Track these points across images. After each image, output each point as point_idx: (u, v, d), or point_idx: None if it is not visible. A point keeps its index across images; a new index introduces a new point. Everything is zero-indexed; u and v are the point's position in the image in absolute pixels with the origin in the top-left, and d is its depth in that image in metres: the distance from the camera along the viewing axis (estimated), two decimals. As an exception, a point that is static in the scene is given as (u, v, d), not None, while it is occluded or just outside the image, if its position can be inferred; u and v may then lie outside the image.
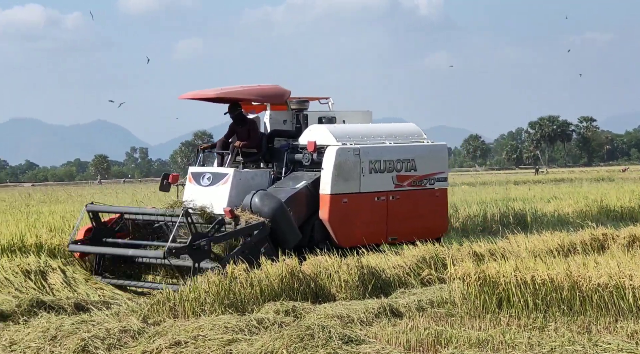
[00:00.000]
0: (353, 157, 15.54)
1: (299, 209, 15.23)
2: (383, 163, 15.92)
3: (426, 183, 16.54)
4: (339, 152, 15.39)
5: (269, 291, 12.51)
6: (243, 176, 15.38)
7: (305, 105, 16.78)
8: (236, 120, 16.11)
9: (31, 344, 9.74)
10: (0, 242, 17.31)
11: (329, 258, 13.71)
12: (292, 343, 8.99)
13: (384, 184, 15.97)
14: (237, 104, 16.17)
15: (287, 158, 15.86)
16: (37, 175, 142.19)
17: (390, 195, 16.02)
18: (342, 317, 11.14)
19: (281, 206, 14.72)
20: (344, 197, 15.47)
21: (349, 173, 15.51)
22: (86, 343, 9.60)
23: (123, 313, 11.72)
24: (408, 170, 16.24)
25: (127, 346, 9.66)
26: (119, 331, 10.00)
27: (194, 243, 13.63)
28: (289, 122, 16.65)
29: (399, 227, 16.12)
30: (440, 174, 16.74)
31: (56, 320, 10.69)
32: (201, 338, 9.46)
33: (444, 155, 17.03)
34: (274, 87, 16.70)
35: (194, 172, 15.78)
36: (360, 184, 15.65)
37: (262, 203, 14.66)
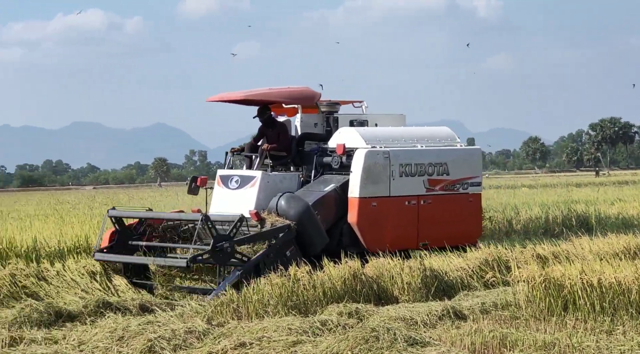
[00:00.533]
0: (383, 160, 15.27)
1: (327, 212, 15.01)
2: (414, 167, 15.60)
3: (459, 187, 16.14)
4: (368, 154, 15.15)
5: (331, 293, 12.53)
6: (271, 179, 15.17)
7: (335, 108, 16.54)
8: (265, 123, 15.88)
9: (99, 345, 9.87)
10: (67, 244, 17.65)
11: (391, 260, 13.68)
12: (357, 344, 8.99)
13: (415, 188, 15.65)
14: (267, 107, 15.93)
15: (317, 162, 15.63)
16: (99, 178, 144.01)
17: (421, 199, 15.70)
18: (406, 319, 11.10)
19: (308, 209, 14.53)
20: (373, 201, 15.20)
21: (378, 177, 15.23)
22: (152, 343, 9.70)
23: (187, 314, 11.83)
24: (440, 174, 15.88)
25: (192, 347, 9.74)
26: (184, 332, 10.09)
27: (217, 246, 13.37)
28: (319, 125, 16.40)
29: (430, 232, 15.75)
30: (474, 179, 16.32)
31: (123, 321, 10.84)
32: (266, 339, 9.50)
33: (477, 159, 16.63)
34: (304, 89, 16.48)
35: (222, 174, 15.61)
36: (390, 188, 15.35)
37: (289, 205, 14.50)
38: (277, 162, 15.69)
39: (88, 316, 11.81)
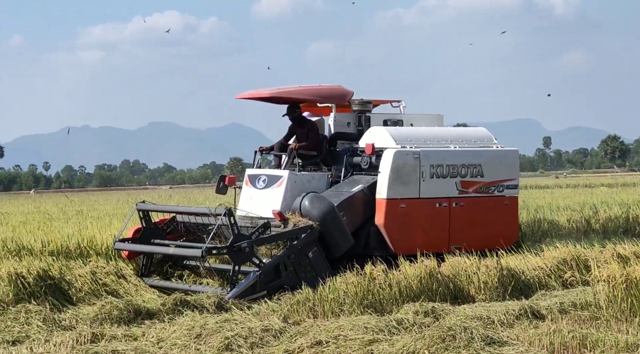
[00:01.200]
0: (412, 160, 14.77)
1: (354, 214, 14.57)
2: (446, 168, 15.04)
3: (494, 190, 15.53)
4: (396, 154, 14.66)
5: (407, 292, 12.49)
6: (299, 179, 14.78)
7: (367, 107, 16.07)
8: (295, 121, 15.57)
9: (177, 342, 9.97)
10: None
11: (467, 259, 13.58)
12: (434, 343, 8.94)
13: (447, 190, 15.08)
14: (296, 105, 15.59)
15: (347, 161, 15.29)
16: (175, 178, 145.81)
17: (453, 201, 15.13)
18: (482, 318, 11.00)
19: (332, 210, 14.12)
20: (402, 202, 14.70)
21: (408, 178, 14.73)
22: (229, 341, 9.77)
23: (264, 312, 11.90)
24: (474, 175, 15.30)
25: (269, 345, 9.79)
26: (260, 330, 10.15)
27: (235, 245, 13.03)
28: (352, 125, 16.05)
29: (462, 235, 15.13)
30: (510, 181, 15.69)
31: (200, 319, 10.94)
32: (342, 338, 9.50)
33: (514, 161, 15.95)
34: (335, 87, 16.05)
35: (250, 174, 15.33)
36: (419, 189, 14.83)
37: (312, 205, 14.11)
38: (306, 162, 15.34)
39: (166, 314, 11.95)
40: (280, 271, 13.34)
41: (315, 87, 15.84)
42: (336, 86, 16.04)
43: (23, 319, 11.55)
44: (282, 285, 13.27)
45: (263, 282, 13.06)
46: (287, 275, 13.37)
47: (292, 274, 13.43)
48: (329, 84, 16.09)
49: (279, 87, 15.67)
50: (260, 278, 13.01)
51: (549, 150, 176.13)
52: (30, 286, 12.79)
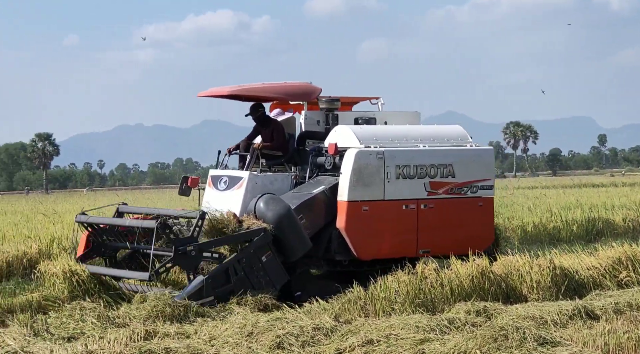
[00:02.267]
0: (376, 160, 13.96)
1: (315, 216, 13.85)
2: (413, 169, 14.22)
3: (467, 191, 14.68)
4: (358, 155, 13.88)
5: (459, 291, 12.43)
6: (260, 180, 14.08)
7: (335, 105, 15.20)
8: (259, 121, 14.92)
9: (229, 340, 10.03)
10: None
11: (520, 258, 13.46)
12: (486, 343, 8.88)
13: (415, 191, 14.26)
14: (259, 104, 14.93)
15: (312, 162, 14.58)
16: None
17: (421, 203, 14.31)
18: (535, 318, 10.90)
19: (287, 212, 13.41)
20: (364, 205, 13.93)
21: (371, 179, 13.93)
22: (281, 339, 9.81)
23: (315, 311, 11.90)
24: (444, 176, 14.47)
25: (320, 343, 9.81)
26: (312, 328, 10.17)
27: (179, 250, 12.34)
28: (322, 123, 15.26)
29: (432, 239, 14.38)
30: (484, 181, 14.84)
31: (252, 317, 11.00)
32: (393, 337, 9.49)
33: (489, 160, 15.09)
34: (302, 84, 15.26)
35: (213, 175, 14.68)
36: (384, 191, 14.05)
37: (267, 207, 13.44)
38: (271, 162, 14.72)
39: (217, 313, 12.02)
40: (230, 276, 12.66)
41: (280, 85, 15.19)
42: (304, 83, 15.31)
43: (78, 316, 11.70)
44: (232, 291, 12.56)
45: (210, 287, 12.36)
46: (237, 280, 12.63)
47: (243, 279, 12.68)
48: (297, 81, 15.41)
49: (242, 84, 15.03)
50: (207, 283, 12.34)
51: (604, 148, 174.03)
52: (85, 283, 12.97)
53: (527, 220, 22.86)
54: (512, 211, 25.35)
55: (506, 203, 28.73)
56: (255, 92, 14.89)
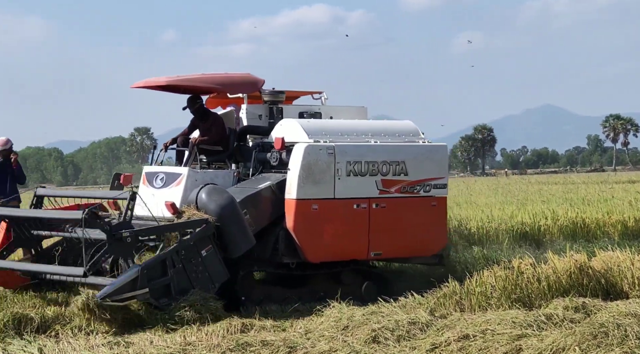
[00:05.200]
0: (326, 156, 13.05)
1: (259, 213, 12.89)
2: (364, 165, 13.33)
3: (420, 189, 13.80)
4: (308, 149, 12.97)
5: (556, 287, 12.21)
6: (200, 177, 13.08)
7: (279, 97, 14.32)
8: (197, 114, 13.88)
9: (325, 334, 10.10)
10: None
11: (620, 254, 13.18)
12: (585, 340, 8.73)
13: (366, 190, 13.36)
14: (197, 96, 13.94)
15: (256, 158, 13.67)
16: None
17: (373, 202, 13.41)
18: (637, 315, 10.63)
19: (231, 204, 12.46)
20: (314, 203, 13.01)
21: (321, 176, 13.02)
22: (376, 333, 9.81)
23: (410, 305, 11.87)
24: (397, 173, 13.58)
25: (415, 338, 9.78)
26: (407, 323, 10.16)
27: (114, 235, 11.33)
28: (264, 117, 14.36)
29: (384, 241, 13.50)
30: (438, 180, 13.95)
31: (347, 311, 11.04)
32: (489, 332, 9.40)
33: (442, 157, 14.22)
34: (243, 75, 14.26)
35: (148, 171, 13.58)
36: (334, 188, 13.14)
37: (209, 198, 12.49)
38: (212, 158, 13.84)
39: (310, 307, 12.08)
40: (168, 268, 11.68)
41: (219, 75, 14.24)
42: (245, 74, 14.32)
43: (177, 309, 11.92)
44: (167, 285, 11.62)
45: (145, 278, 11.30)
46: (174, 273, 11.68)
47: (181, 272, 11.76)
48: (237, 72, 14.43)
49: (179, 74, 14.03)
50: (142, 272, 11.26)
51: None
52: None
53: (627, 215, 22.36)
54: (611, 206, 24.83)
55: (605, 198, 28.17)
56: (194, 82, 13.85)
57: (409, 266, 15.14)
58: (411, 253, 13.90)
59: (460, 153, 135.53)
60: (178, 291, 11.56)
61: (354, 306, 11.65)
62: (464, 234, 19.59)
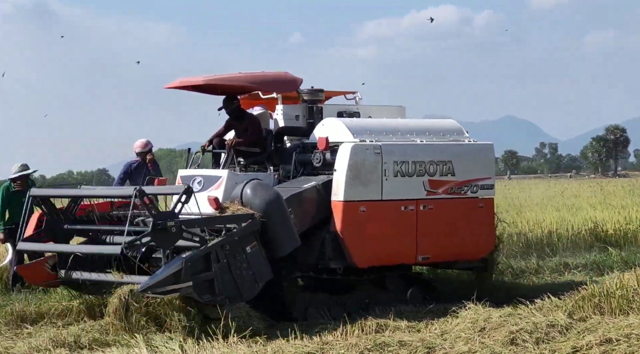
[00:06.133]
0: (373, 156, 12.51)
1: (303, 213, 12.26)
2: (412, 165, 12.77)
3: (467, 190, 13.24)
4: (355, 149, 12.43)
5: (702, 291, 11.78)
6: (240, 179, 12.33)
7: (319, 96, 13.78)
8: (233, 115, 13.34)
9: (461, 335, 10.03)
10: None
11: None
12: None
13: (413, 191, 12.79)
14: (234, 97, 13.39)
15: (296, 159, 13.03)
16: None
17: (420, 204, 12.83)
18: None
19: (278, 200, 11.85)
20: (362, 205, 12.44)
21: (368, 176, 12.46)
22: (514, 336, 9.69)
23: (547, 307, 11.64)
24: (444, 174, 13.03)
25: (555, 340, 9.61)
26: (546, 325, 10.00)
27: (158, 225, 10.68)
28: (301, 117, 13.72)
29: (432, 244, 12.95)
30: (485, 180, 13.39)
31: (483, 312, 10.94)
32: (634, 337, 9.15)
33: (489, 156, 13.71)
34: (281, 73, 13.69)
35: (183, 175, 13.03)
36: (382, 190, 12.58)
37: (255, 193, 11.86)
38: (249, 160, 13.29)
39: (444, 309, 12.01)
40: (211, 262, 11.09)
41: (258, 74, 13.59)
42: (283, 73, 13.73)
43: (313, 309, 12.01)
44: (211, 281, 11.03)
45: (189, 271, 10.76)
46: (219, 269, 11.11)
47: (225, 268, 11.16)
48: (273, 71, 13.83)
49: (216, 74, 13.44)
50: (185, 265, 10.73)
51: None
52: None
53: None
54: None
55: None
56: (233, 81, 13.26)
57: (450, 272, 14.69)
58: (458, 257, 13.38)
59: (591, 154, 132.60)
60: (222, 288, 11.02)
61: (490, 307, 11.52)
62: (600, 236, 19.18)
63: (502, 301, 12.26)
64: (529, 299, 12.22)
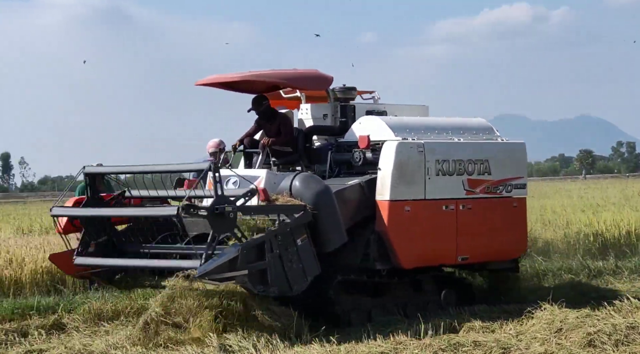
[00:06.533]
0: (417, 154, 12.21)
1: (347, 211, 11.88)
2: (452, 164, 12.49)
3: (502, 190, 12.97)
4: (399, 147, 12.10)
5: None
6: (278, 179, 11.91)
7: (352, 95, 13.40)
8: (263, 115, 13.00)
9: (537, 336, 9.92)
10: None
11: None
12: None
13: (453, 190, 12.52)
14: (263, 96, 13.05)
15: (332, 159, 12.71)
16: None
17: (460, 203, 12.56)
18: None
19: (328, 193, 11.57)
20: (407, 205, 12.12)
21: (412, 175, 12.15)
22: (592, 337, 9.55)
23: (626, 309, 11.41)
24: (481, 173, 12.75)
25: (635, 343, 9.45)
26: (625, 327, 9.83)
27: (217, 208, 10.44)
28: (330, 116, 13.32)
29: (471, 244, 12.65)
30: (518, 179, 13.13)
31: (559, 313, 10.78)
32: None
33: (522, 155, 13.38)
34: (312, 71, 13.23)
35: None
36: (425, 189, 12.28)
37: (305, 186, 11.57)
38: (281, 160, 12.97)
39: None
40: (265, 252, 10.81)
41: (290, 71, 13.17)
42: (313, 70, 13.27)
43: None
44: (264, 271, 10.74)
45: (245, 259, 10.54)
46: (272, 259, 10.80)
47: (277, 259, 10.87)
48: (303, 68, 13.37)
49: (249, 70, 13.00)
50: (242, 252, 10.51)
51: None
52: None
53: None
54: None
55: None
56: (267, 78, 12.88)
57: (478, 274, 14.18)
58: (494, 258, 13.12)
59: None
60: (274, 279, 10.78)
61: (566, 308, 11.34)
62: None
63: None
64: (607, 300, 12.04)
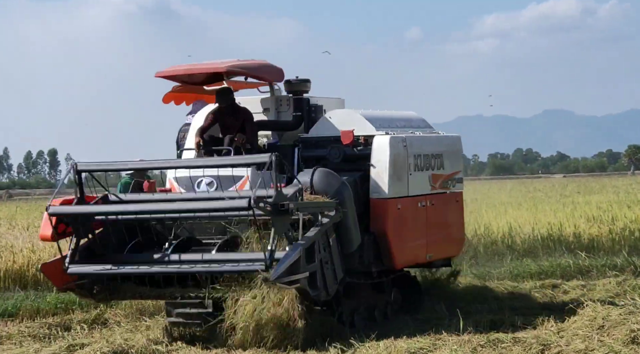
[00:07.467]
0: (403, 149, 11.46)
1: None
2: (423, 159, 11.82)
3: (450, 184, 12.37)
4: (392, 142, 11.30)
5: None
6: (265, 177, 10.13)
7: (307, 87, 12.29)
8: (228, 110, 11.80)
9: (579, 332, 9.81)
10: (540, 231, 17.92)
11: None
12: None
13: (424, 186, 11.87)
14: (229, 89, 11.94)
15: (300, 156, 11.65)
16: (568, 166, 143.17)
17: (428, 199, 11.87)
18: None
19: (348, 190, 10.77)
20: (399, 202, 11.40)
21: (400, 171, 11.43)
22: (635, 334, 9.43)
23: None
24: (439, 167, 12.10)
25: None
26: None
27: (282, 205, 9.58)
28: (272, 110, 12.28)
29: (434, 242, 12.01)
30: (458, 174, 12.57)
31: (602, 310, 10.66)
32: None
33: (460, 149, 12.76)
34: (263, 61, 12.05)
35: (180, 176, 11.17)
36: (408, 185, 11.57)
37: (327, 181, 10.67)
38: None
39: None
40: (315, 253, 10.06)
41: (242, 60, 11.86)
42: (263, 61, 12.10)
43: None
44: (314, 273, 10.00)
45: (304, 261, 9.82)
46: (319, 260, 10.11)
47: (322, 260, 10.18)
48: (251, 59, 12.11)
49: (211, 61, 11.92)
50: (303, 253, 9.77)
51: None
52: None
53: None
54: None
55: None
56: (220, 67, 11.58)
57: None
58: (448, 254, 12.64)
59: None
60: (320, 282, 10.07)
61: (609, 305, 11.21)
62: None
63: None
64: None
